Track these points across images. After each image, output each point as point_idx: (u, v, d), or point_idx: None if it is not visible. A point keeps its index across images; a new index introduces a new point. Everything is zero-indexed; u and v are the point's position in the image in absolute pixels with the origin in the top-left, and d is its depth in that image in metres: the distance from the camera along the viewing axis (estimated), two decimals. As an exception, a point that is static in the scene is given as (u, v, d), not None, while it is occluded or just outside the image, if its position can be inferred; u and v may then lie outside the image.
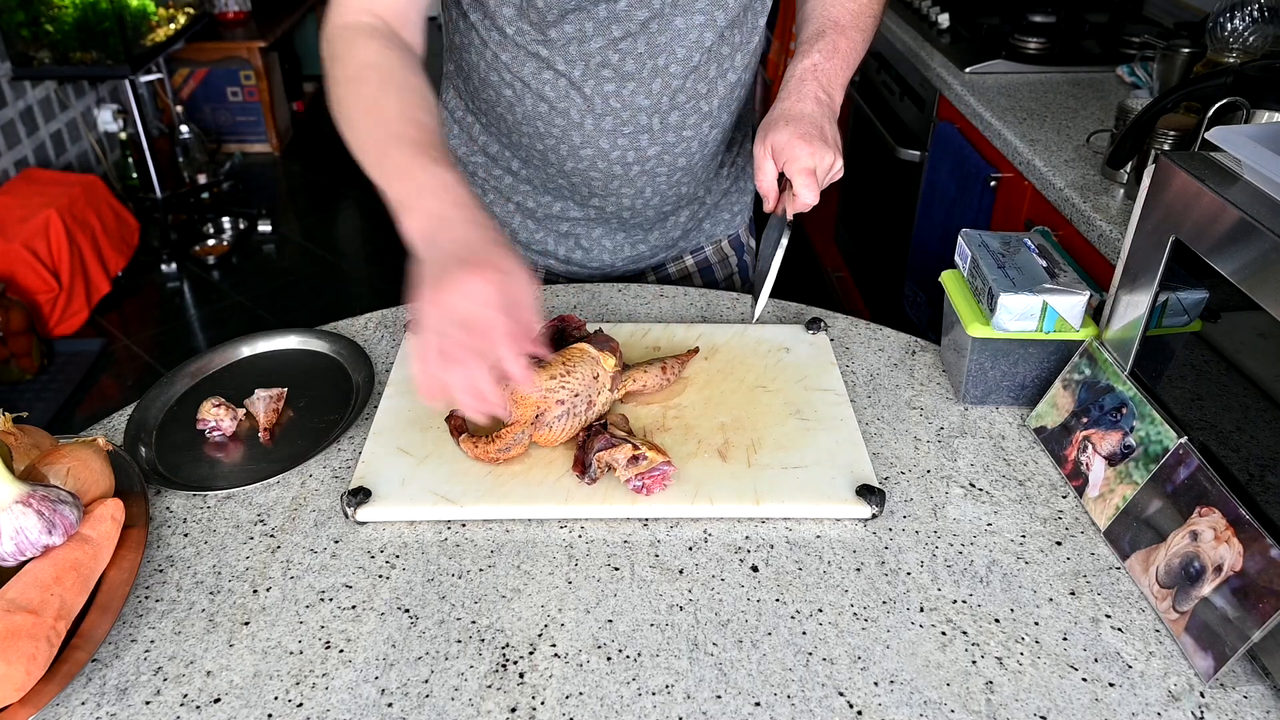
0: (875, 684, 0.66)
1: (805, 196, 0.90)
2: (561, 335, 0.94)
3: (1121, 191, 1.35)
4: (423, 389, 0.69)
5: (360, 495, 0.80)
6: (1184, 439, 0.74)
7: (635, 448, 0.80)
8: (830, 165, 0.92)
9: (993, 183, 1.69)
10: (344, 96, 0.86)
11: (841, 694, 0.65)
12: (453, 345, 0.68)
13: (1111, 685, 0.66)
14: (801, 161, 0.90)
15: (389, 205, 0.77)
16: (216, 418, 0.89)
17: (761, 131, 0.94)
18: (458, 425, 0.87)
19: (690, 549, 0.77)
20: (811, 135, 0.91)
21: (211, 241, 3.42)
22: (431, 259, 0.71)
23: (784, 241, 0.91)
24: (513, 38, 0.99)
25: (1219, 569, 0.67)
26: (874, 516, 0.80)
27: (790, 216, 0.93)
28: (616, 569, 0.75)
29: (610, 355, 0.87)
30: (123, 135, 3.48)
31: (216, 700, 0.65)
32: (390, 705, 0.65)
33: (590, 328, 0.98)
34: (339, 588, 0.74)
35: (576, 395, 0.84)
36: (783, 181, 0.94)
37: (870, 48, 1.07)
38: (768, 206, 0.96)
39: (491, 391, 0.69)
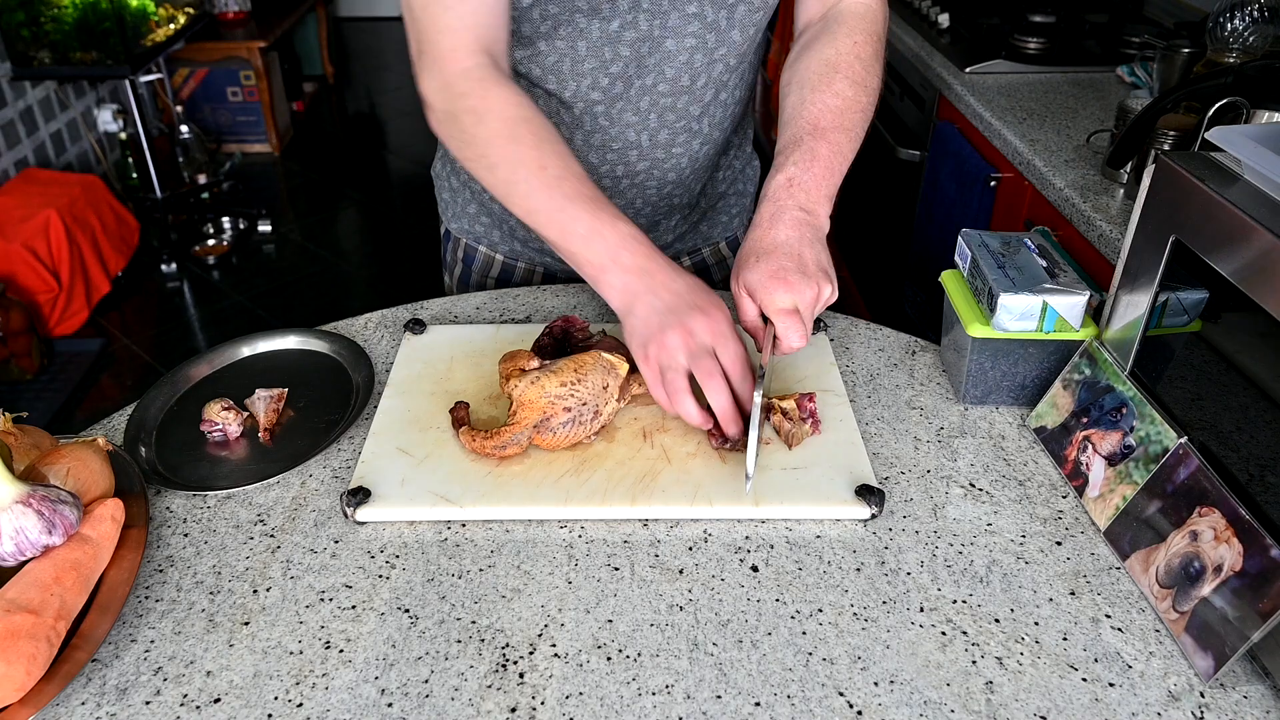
0: (875, 684, 0.66)
1: (789, 340, 0.83)
2: (565, 336, 0.94)
3: (1121, 191, 1.35)
4: (689, 420, 0.81)
5: (360, 495, 0.80)
6: (1184, 439, 0.74)
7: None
8: (814, 298, 0.83)
9: (993, 183, 1.69)
10: (500, 155, 0.86)
11: (841, 694, 0.65)
12: (680, 382, 0.79)
13: (1111, 685, 0.66)
14: (778, 303, 0.82)
15: (573, 263, 0.84)
16: (225, 420, 0.89)
17: (736, 268, 0.87)
18: (460, 418, 0.87)
19: (690, 549, 0.77)
20: (787, 270, 0.83)
21: (211, 241, 3.43)
22: (651, 309, 0.80)
23: (758, 397, 0.78)
24: None
25: (1219, 569, 0.67)
26: (874, 516, 0.80)
27: (760, 397, 0.79)
28: (616, 569, 0.75)
29: (623, 363, 0.87)
30: (123, 135, 3.48)
31: (216, 700, 0.65)
32: (390, 705, 0.65)
33: (593, 329, 0.98)
34: (339, 588, 0.74)
35: (584, 404, 0.84)
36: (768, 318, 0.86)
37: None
38: (757, 347, 0.87)
39: (728, 409, 0.80)
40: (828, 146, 0.90)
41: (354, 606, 0.72)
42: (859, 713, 0.64)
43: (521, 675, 0.67)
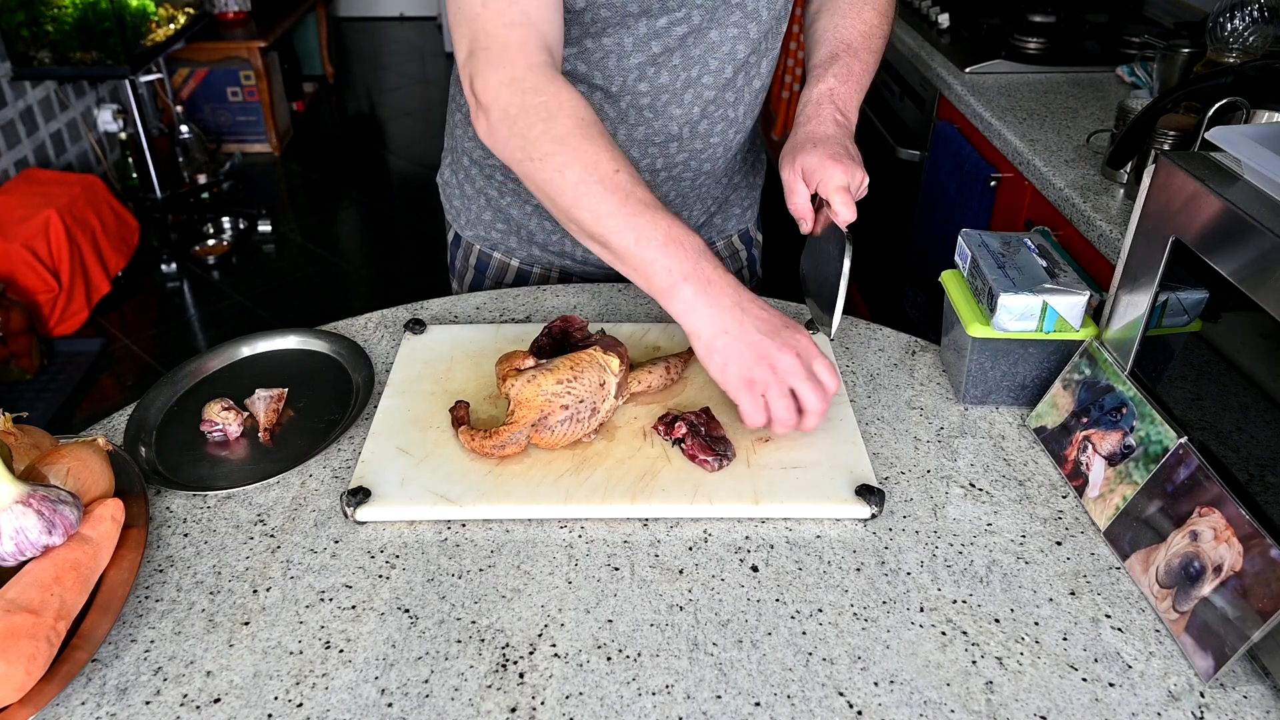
0: (875, 684, 0.66)
1: (844, 213, 0.90)
2: (564, 336, 0.94)
3: (1121, 191, 1.35)
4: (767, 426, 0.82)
5: (360, 495, 0.80)
6: (1184, 439, 0.74)
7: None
8: (860, 181, 0.93)
9: (993, 183, 1.69)
10: (573, 156, 0.81)
11: (841, 694, 0.65)
12: (786, 404, 0.80)
13: (1111, 685, 0.66)
14: (836, 180, 0.91)
15: (639, 268, 0.81)
16: (225, 420, 0.89)
17: (788, 156, 0.95)
18: (460, 417, 0.87)
19: (690, 549, 0.77)
20: (840, 155, 0.92)
21: (211, 241, 3.42)
22: (746, 327, 0.80)
23: (848, 260, 0.89)
24: None
25: (1219, 569, 0.67)
26: (874, 516, 0.80)
27: (847, 234, 0.91)
28: (616, 569, 0.75)
29: (617, 360, 0.87)
30: (123, 135, 3.48)
31: (216, 700, 0.65)
32: (390, 705, 0.65)
33: (592, 328, 0.98)
34: (339, 588, 0.74)
35: (581, 401, 0.84)
36: (814, 202, 0.95)
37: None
38: (804, 228, 0.97)
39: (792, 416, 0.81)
40: (859, 64, 1.01)
41: (354, 606, 0.72)
42: (859, 713, 0.64)
43: (521, 675, 0.67)
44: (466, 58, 0.86)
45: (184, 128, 3.66)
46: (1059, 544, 0.78)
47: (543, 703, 0.65)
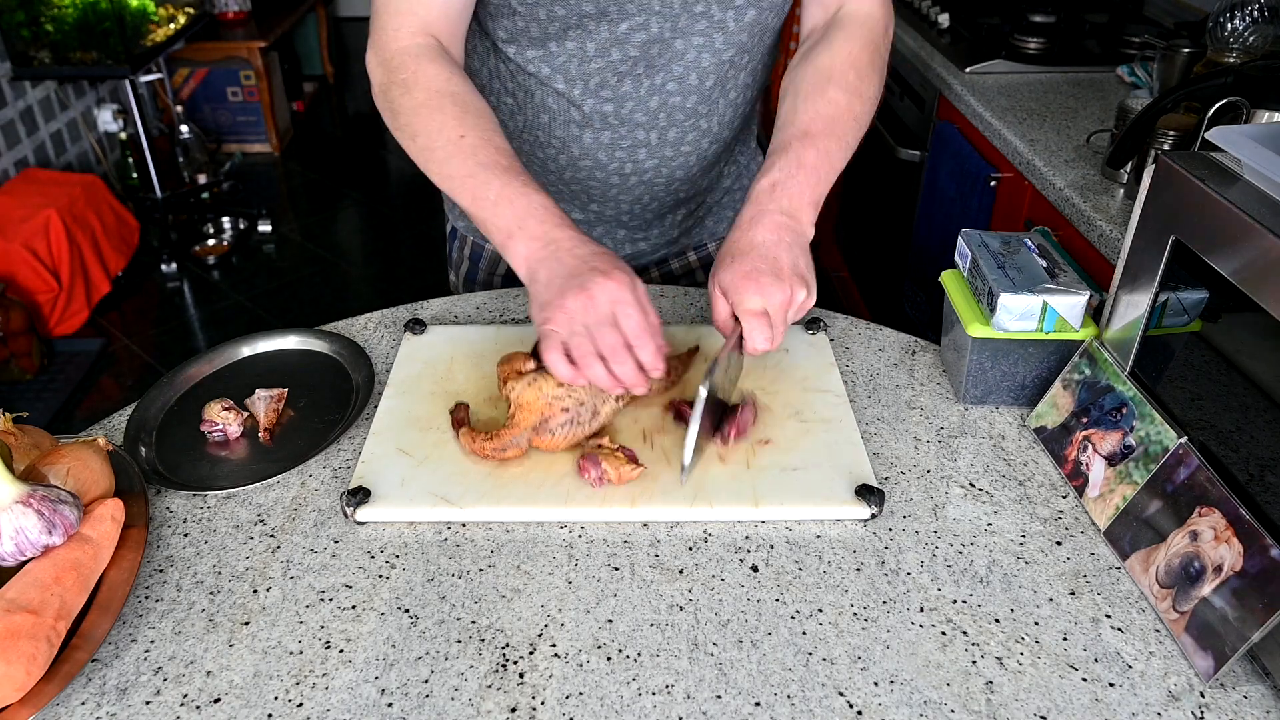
0: (875, 684, 0.66)
1: (753, 341, 0.82)
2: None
3: (1121, 191, 1.35)
4: (568, 380, 0.80)
5: (360, 495, 0.80)
6: (1184, 439, 0.74)
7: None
8: (786, 301, 0.82)
9: (993, 183, 1.69)
10: (421, 124, 0.87)
11: (841, 694, 0.65)
12: (588, 345, 0.77)
13: (1111, 685, 0.66)
14: (748, 303, 0.82)
15: (484, 229, 0.84)
16: (225, 420, 0.89)
17: (713, 268, 0.86)
18: (460, 419, 0.87)
19: (690, 549, 0.77)
20: (760, 272, 0.82)
21: (211, 241, 3.42)
22: (554, 274, 0.79)
23: (699, 405, 0.78)
24: (513, 58, 0.99)
25: (1219, 569, 0.67)
26: (874, 517, 0.80)
27: (705, 389, 0.79)
28: (616, 569, 0.75)
29: None
30: (123, 135, 3.48)
31: (216, 700, 0.65)
32: (390, 705, 0.65)
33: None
34: (339, 588, 0.74)
35: (582, 404, 0.84)
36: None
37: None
38: (724, 342, 0.85)
39: (632, 375, 0.78)
40: (815, 153, 0.89)
41: (354, 606, 0.72)
42: (859, 713, 0.64)
43: (521, 675, 0.67)
44: (369, 39, 0.93)
45: (184, 128, 3.66)
46: (1059, 544, 0.78)
47: (543, 703, 0.65)
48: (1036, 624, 0.71)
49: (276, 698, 0.65)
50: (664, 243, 1.21)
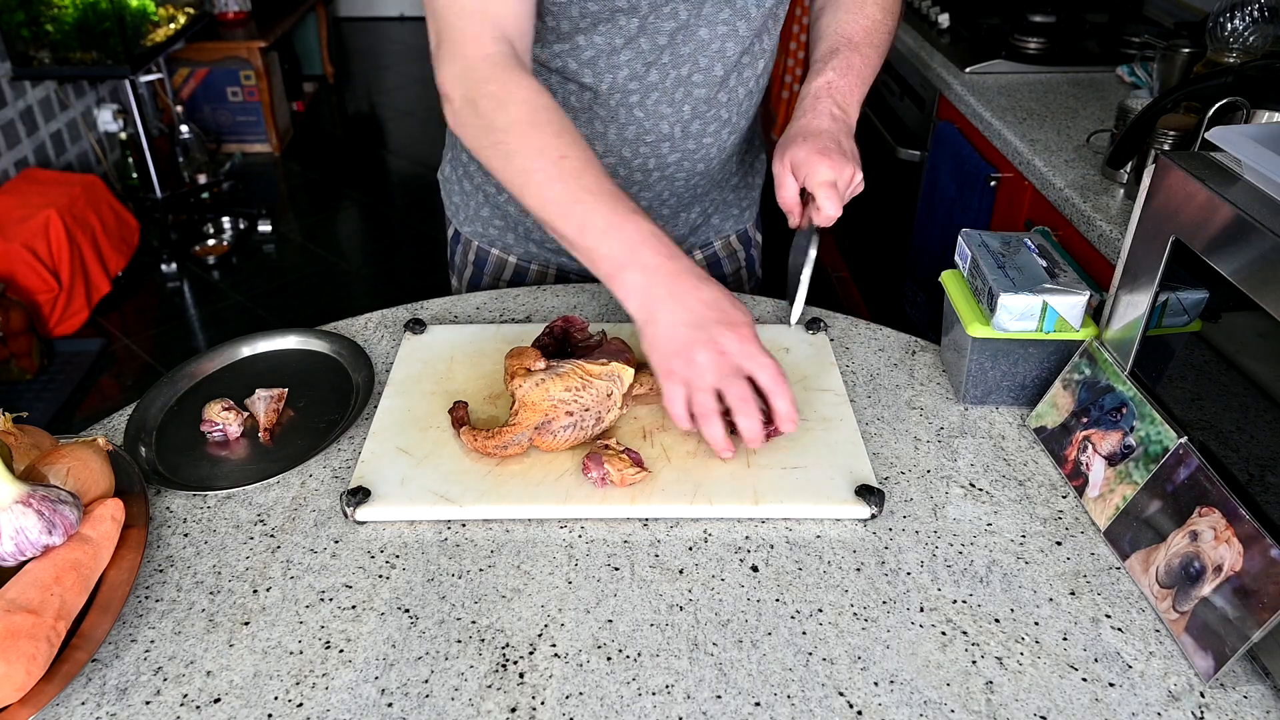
0: (875, 684, 0.66)
1: (828, 209, 0.90)
2: (565, 336, 0.94)
3: (1121, 191, 1.35)
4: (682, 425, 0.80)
5: (360, 495, 0.80)
6: (1184, 439, 0.74)
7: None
8: (850, 178, 0.93)
9: (993, 183, 1.69)
10: (517, 143, 0.83)
11: (841, 694, 0.65)
12: (711, 403, 0.78)
13: (1111, 685, 0.66)
14: (821, 175, 0.91)
15: (587, 258, 0.81)
16: (225, 421, 0.89)
17: (780, 149, 0.95)
18: (459, 418, 0.87)
19: (690, 549, 0.77)
20: (830, 149, 0.92)
21: (211, 241, 3.42)
22: (676, 319, 0.78)
23: (813, 251, 0.93)
24: (537, 55, 0.99)
25: (1219, 569, 0.67)
26: (873, 516, 0.80)
27: (816, 227, 0.94)
28: (616, 569, 0.75)
29: (631, 374, 0.86)
30: (123, 135, 3.48)
31: (216, 700, 0.65)
32: (390, 705, 0.65)
33: (593, 328, 0.98)
34: (339, 588, 0.74)
35: (587, 410, 0.84)
36: (804, 196, 0.95)
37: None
38: (792, 222, 0.97)
39: (756, 429, 0.79)
40: (860, 59, 1.00)
41: (354, 606, 0.72)
42: (859, 713, 0.64)
43: (521, 675, 0.67)
44: (434, 49, 0.89)
45: (184, 128, 3.66)
46: (1059, 544, 0.78)
47: (543, 703, 0.65)
48: (1036, 624, 0.71)
49: (276, 698, 0.65)
50: (674, 241, 1.21)
